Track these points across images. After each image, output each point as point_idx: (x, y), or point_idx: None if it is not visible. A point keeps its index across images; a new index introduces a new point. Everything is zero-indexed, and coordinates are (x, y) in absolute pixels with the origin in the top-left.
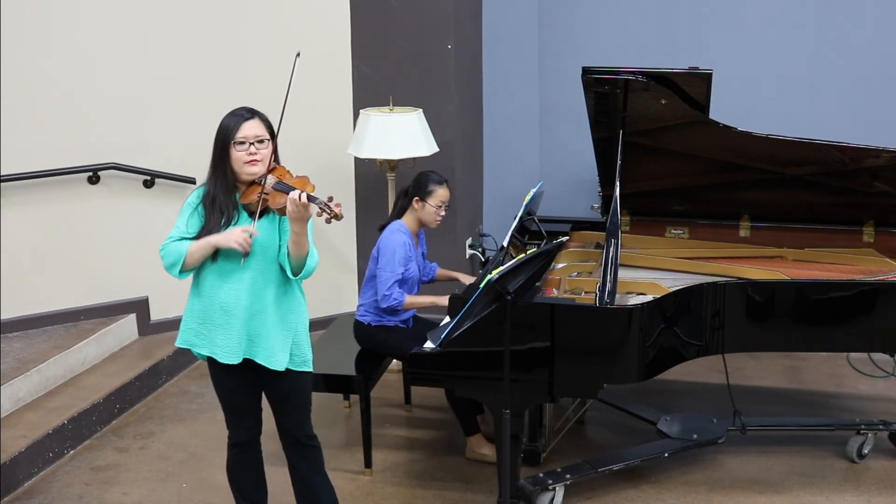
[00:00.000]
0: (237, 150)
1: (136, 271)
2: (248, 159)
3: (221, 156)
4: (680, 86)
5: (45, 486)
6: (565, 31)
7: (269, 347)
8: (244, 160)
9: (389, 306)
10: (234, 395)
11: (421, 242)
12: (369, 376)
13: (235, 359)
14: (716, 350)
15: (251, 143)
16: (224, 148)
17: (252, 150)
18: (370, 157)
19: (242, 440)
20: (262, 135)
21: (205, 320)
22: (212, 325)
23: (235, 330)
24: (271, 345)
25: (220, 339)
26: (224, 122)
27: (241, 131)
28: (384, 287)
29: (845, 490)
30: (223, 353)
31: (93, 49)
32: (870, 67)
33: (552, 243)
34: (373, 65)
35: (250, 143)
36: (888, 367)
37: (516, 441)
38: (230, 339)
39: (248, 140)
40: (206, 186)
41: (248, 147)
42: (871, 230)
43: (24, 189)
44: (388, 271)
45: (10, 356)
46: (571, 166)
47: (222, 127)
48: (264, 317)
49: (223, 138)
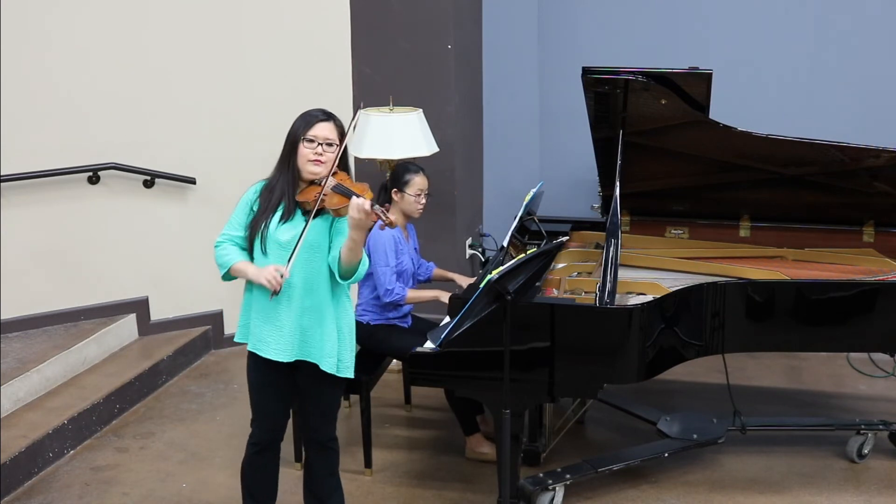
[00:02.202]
0: (305, 147)
1: (136, 271)
2: (313, 158)
3: (290, 151)
4: (680, 86)
5: (45, 486)
6: (565, 31)
7: (322, 347)
8: (309, 157)
9: (392, 301)
10: (266, 397)
11: (412, 237)
12: (369, 376)
13: (287, 356)
14: (716, 350)
15: (319, 144)
16: (294, 143)
17: (319, 151)
18: (370, 157)
19: (264, 440)
20: (331, 138)
21: (257, 315)
22: (263, 321)
23: (287, 327)
24: (324, 345)
25: (270, 336)
26: (298, 120)
27: (313, 130)
28: (384, 283)
29: (845, 490)
30: (273, 350)
31: (93, 49)
32: (870, 67)
33: (552, 243)
34: (373, 65)
35: (318, 143)
36: (888, 367)
37: (516, 441)
38: (282, 335)
39: (317, 139)
40: (269, 179)
41: (316, 147)
42: (871, 230)
43: (24, 189)
44: (382, 266)
45: (10, 356)
46: (571, 166)
47: (295, 124)
48: (317, 315)
49: (294, 134)
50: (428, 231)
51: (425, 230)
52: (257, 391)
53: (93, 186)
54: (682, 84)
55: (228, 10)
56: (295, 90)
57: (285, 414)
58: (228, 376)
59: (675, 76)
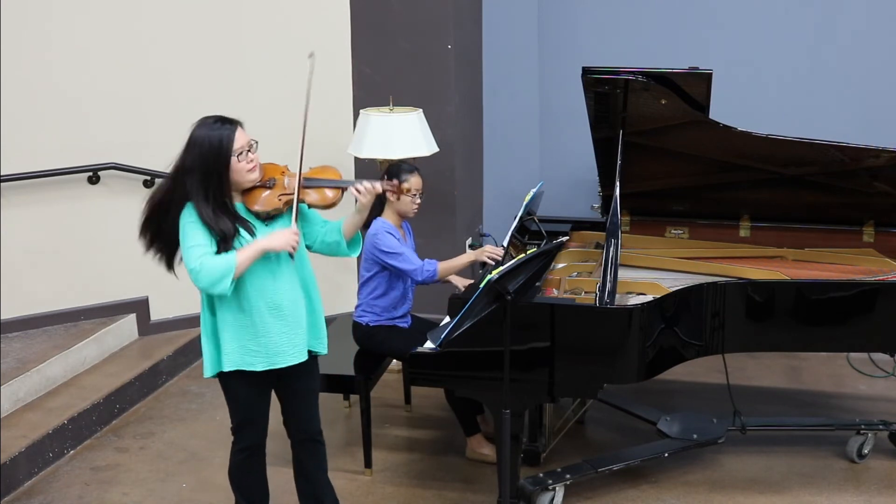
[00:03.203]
0: (238, 162)
1: (136, 271)
2: (250, 167)
3: (219, 172)
4: (680, 86)
5: (45, 486)
6: (565, 31)
7: (318, 333)
8: (246, 169)
9: (425, 279)
10: (257, 403)
11: (409, 236)
12: (369, 376)
13: (303, 356)
14: (716, 350)
15: (247, 151)
16: (224, 163)
17: (250, 157)
18: (370, 157)
19: (253, 444)
20: (250, 139)
21: (258, 332)
22: (267, 333)
23: (301, 325)
24: (319, 329)
25: (282, 344)
26: (212, 138)
27: (237, 142)
28: (411, 265)
29: (845, 490)
30: (290, 355)
31: (93, 49)
32: (870, 67)
33: (552, 243)
34: (373, 65)
35: (246, 151)
36: (888, 367)
37: (516, 441)
38: (296, 336)
39: (243, 149)
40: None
41: (246, 155)
42: (871, 230)
43: (24, 189)
44: (398, 252)
45: (10, 356)
46: (571, 166)
47: (213, 143)
48: (305, 303)
49: (221, 153)
50: (428, 231)
51: (425, 230)
52: (247, 404)
53: (93, 186)
54: (682, 84)
55: (228, 11)
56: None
57: (268, 414)
58: None
59: (675, 76)
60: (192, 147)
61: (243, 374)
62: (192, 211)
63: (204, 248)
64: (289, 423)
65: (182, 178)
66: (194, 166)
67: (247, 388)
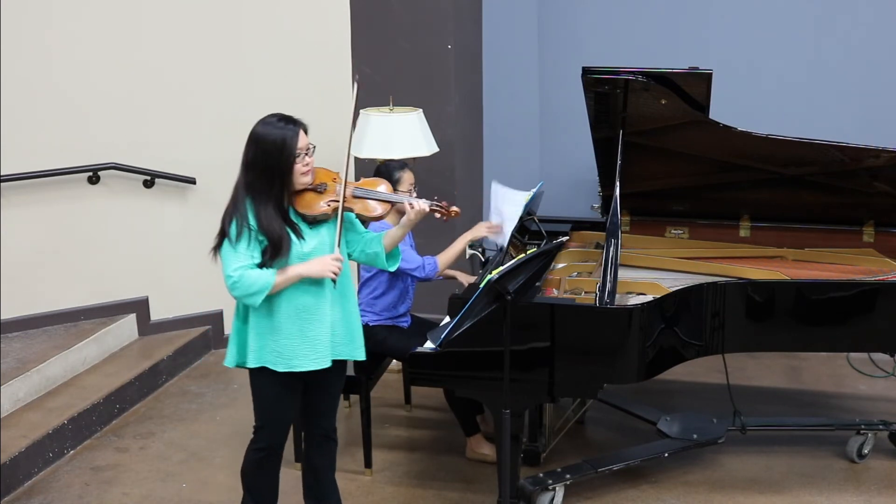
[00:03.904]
0: (296, 164)
1: (136, 271)
2: (305, 170)
3: (281, 173)
4: (680, 86)
5: (45, 486)
6: (565, 31)
7: (353, 340)
8: (301, 171)
9: (427, 275)
10: (283, 407)
11: (408, 235)
12: (369, 376)
13: (325, 362)
14: (716, 350)
15: (305, 154)
16: (286, 165)
17: (307, 161)
18: (370, 157)
19: (271, 445)
20: (309, 142)
21: (280, 334)
22: (292, 336)
23: (325, 331)
24: (354, 337)
25: (305, 349)
26: (275, 137)
27: (301, 142)
28: (413, 263)
29: (845, 490)
30: (313, 360)
31: (93, 49)
32: (870, 67)
33: (552, 243)
34: (373, 65)
35: (304, 154)
36: (888, 367)
37: (516, 441)
38: (320, 342)
39: (302, 151)
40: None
41: (304, 158)
42: (871, 230)
43: (24, 189)
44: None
45: (10, 356)
46: (571, 166)
47: (277, 143)
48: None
49: (284, 154)
50: (428, 231)
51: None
52: (275, 402)
53: (93, 186)
54: (682, 84)
55: (228, 11)
56: (295, 90)
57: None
58: (228, 376)
59: (675, 76)
60: (253, 144)
61: (269, 373)
62: (249, 207)
63: (244, 256)
64: (307, 418)
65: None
66: (256, 163)
67: (271, 387)
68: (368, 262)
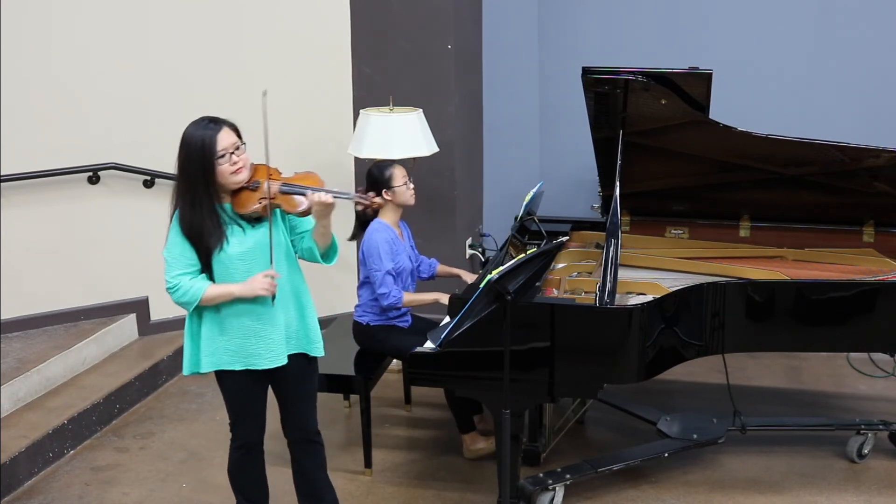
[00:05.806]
0: (220, 165)
1: (136, 271)
2: (234, 169)
3: (204, 174)
4: (680, 86)
5: (45, 486)
6: (565, 31)
7: (308, 335)
8: (230, 171)
9: (389, 304)
10: (249, 401)
11: (406, 235)
12: (369, 376)
13: (281, 360)
14: (716, 350)
15: (230, 153)
16: (206, 168)
17: (234, 160)
18: (370, 157)
19: (250, 441)
20: (236, 141)
21: (235, 334)
22: (245, 335)
23: (277, 330)
24: (309, 332)
25: (259, 347)
26: (195, 140)
27: (220, 144)
28: (380, 287)
29: (845, 490)
30: (266, 359)
31: (93, 48)
32: (870, 67)
33: (552, 243)
34: (373, 65)
35: (230, 153)
36: (888, 367)
37: (516, 441)
38: (273, 341)
39: (227, 151)
40: (182, 212)
41: (229, 157)
42: (871, 230)
43: (24, 189)
44: (377, 270)
45: (10, 356)
46: (571, 166)
47: (196, 145)
48: (294, 308)
49: (204, 156)
50: (428, 231)
51: (425, 230)
52: (241, 401)
53: (93, 186)
54: (682, 84)
55: (228, 11)
56: (295, 90)
57: (265, 411)
58: None
59: (675, 76)
60: (181, 147)
61: (230, 373)
62: (177, 217)
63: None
64: (285, 423)
65: (177, 177)
66: (182, 166)
67: (236, 386)
68: (310, 258)
